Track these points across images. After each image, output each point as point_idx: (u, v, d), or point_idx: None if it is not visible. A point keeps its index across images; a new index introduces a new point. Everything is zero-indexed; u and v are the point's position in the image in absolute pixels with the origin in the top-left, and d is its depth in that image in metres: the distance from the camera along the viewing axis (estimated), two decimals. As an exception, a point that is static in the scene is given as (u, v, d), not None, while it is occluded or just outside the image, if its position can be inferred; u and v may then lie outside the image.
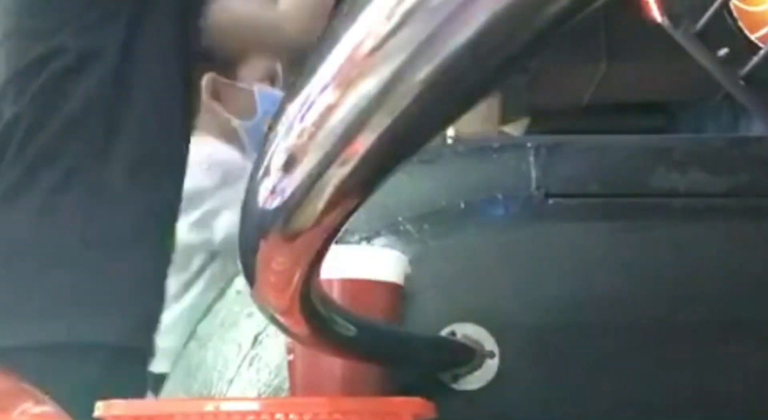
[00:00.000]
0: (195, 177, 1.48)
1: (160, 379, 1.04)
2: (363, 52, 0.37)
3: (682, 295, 0.89)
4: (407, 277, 0.82)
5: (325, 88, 0.40)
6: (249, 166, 0.48)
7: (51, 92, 1.22)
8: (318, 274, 0.54)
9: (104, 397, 0.65)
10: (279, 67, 1.80)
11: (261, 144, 0.45)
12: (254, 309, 0.60)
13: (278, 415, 0.63)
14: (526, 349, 0.86)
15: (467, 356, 0.83)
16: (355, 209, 0.45)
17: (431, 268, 0.87)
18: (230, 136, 1.82)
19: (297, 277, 0.51)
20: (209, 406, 0.65)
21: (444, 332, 0.84)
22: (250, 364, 0.89)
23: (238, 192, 0.48)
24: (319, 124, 0.40)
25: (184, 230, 1.57)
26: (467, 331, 0.84)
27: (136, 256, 1.24)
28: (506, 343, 0.84)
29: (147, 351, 1.27)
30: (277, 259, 0.49)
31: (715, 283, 0.90)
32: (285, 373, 0.81)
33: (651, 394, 0.86)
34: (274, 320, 0.59)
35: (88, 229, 1.21)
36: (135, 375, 1.23)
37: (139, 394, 1.18)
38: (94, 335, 1.18)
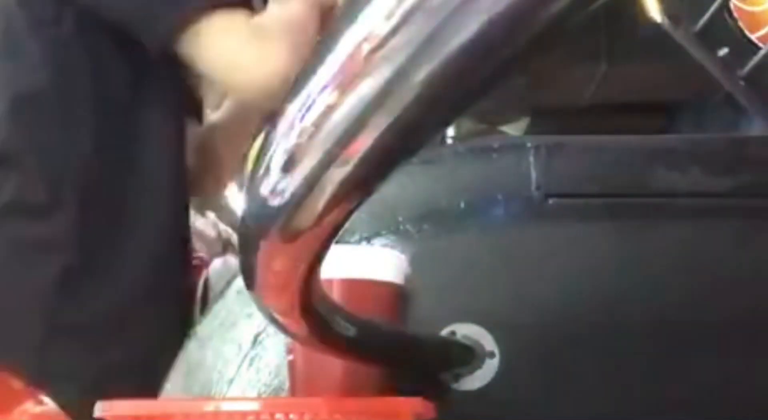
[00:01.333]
0: None
1: None
2: (363, 52, 0.37)
3: (682, 295, 0.89)
4: (407, 277, 0.82)
5: (325, 88, 0.40)
6: None
7: None
8: (318, 274, 0.54)
9: None
10: None
11: None
12: (254, 309, 0.60)
13: (278, 415, 0.63)
14: (526, 349, 0.86)
15: (467, 356, 0.83)
16: (355, 209, 0.45)
17: (431, 268, 0.87)
18: None
19: (297, 277, 0.51)
20: (209, 406, 0.65)
21: (444, 332, 0.84)
22: (250, 364, 0.89)
23: None
24: (319, 124, 0.40)
25: None
26: (467, 331, 0.84)
27: None
28: (506, 343, 0.84)
29: None
30: (277, 259, 0.49)
31: (716, 282, 0.90)
32: (285, 373, 0.81)
33: (651, 393, 0.86)
34: (274, 320, 0.59)
35: None
36: None
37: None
38: None
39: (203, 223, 1.93)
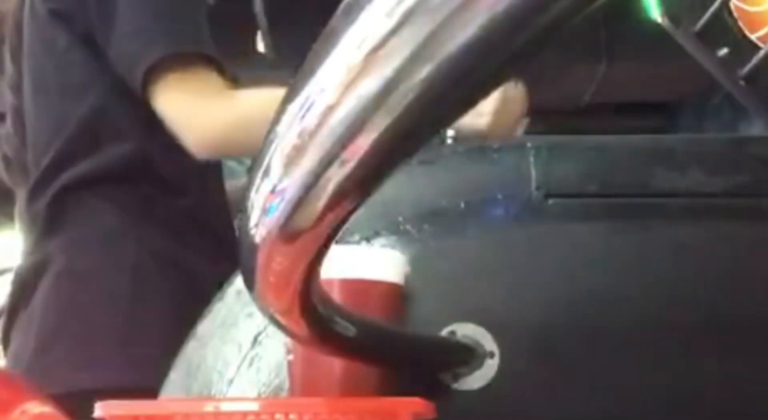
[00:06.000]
0: None
1: None
2: (363, 52, 0.37)
3: (681, 295, 0.89)
4: (407, 277, 0.82)
5: (325, 88, 0.40)
6: None
7: None
8: (318, 274, 0.54)
9: None
10: None
11: None
12: (254, 309, 0.60)
13: (278, 415, 0.63)
14: (526, 349, 0.86)
15: (467, 356, 0.83)
16: (355, 209, 0.45)
17: (431, 268, 0.87)
18: None
19: (297, 277, 0.51)
20: (209, 406, 0.66)
21: (444, 332, 0.84)
22: (250, 364, 0.89)
23: None
24: (319, 124, 0.40)
25: None
26: (467, 331, 0.84)
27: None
28: (506, 343, 0.84)
29: None
30: (277, 259, 0.49)
31: (715, 283, 0.90)
32: (285, 373, 0.81)
33: (650, 394, 0.86)
34: (274, 320, 0.59)
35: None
36: None
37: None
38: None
39: None
